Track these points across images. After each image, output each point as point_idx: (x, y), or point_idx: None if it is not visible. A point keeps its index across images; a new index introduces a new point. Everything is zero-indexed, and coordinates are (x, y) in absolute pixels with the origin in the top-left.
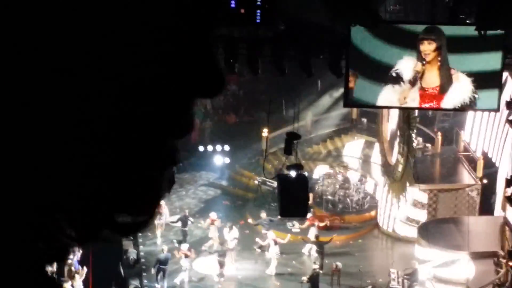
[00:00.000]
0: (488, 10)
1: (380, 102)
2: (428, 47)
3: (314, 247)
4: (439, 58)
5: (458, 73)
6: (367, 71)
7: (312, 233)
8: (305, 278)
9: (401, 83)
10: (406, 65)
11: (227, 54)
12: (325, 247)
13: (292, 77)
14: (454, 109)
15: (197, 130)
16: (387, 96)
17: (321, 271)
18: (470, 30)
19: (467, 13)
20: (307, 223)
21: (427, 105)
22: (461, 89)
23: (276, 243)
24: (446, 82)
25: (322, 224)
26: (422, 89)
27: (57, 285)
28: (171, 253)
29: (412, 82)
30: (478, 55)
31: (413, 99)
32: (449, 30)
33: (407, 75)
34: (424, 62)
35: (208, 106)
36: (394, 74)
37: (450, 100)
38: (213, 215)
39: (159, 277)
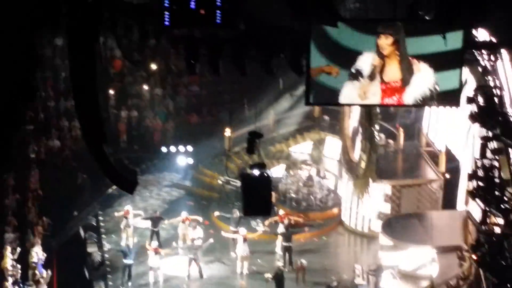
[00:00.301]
0: (447, 7)
1: (342, 99)
2: (385, 41)
3: (281, 245)
4: (397, 52)
5: (419, 63)
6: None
7: (280, 230)
8: (269, 276)
9: (360, 78)
10: (365, 61)
11: (188, 54)
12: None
13: (253, 76)
14: (416, 105)
15: (160, 131)
16: (348, 92)
17: (285, 269)
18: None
19: (427, 11)
20: (269, 220)
21: (389, 99)
22: (422, 80)
23: (245, 240)
24: (407, 74)
25: (286, 222)
26: (384, 83)
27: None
28: (139, 250)
29: (371, 77)
30: (437, 36)
31: (373, 94)
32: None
33: (366, 70)
34: (382, 56)
35: (170, 107)
36: (353, 71)
37: (412, 93)
38: (184, 213)
39: (125, 277)
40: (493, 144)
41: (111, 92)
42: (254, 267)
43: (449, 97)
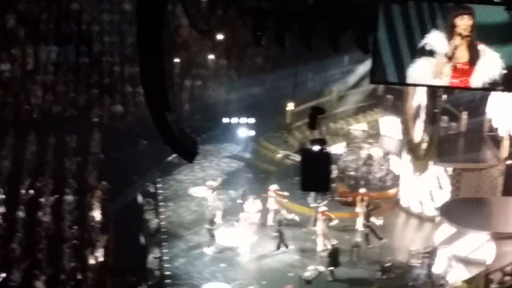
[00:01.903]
0: None
1: (412, 75)
2: (467, 22)
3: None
4: (471, 34)
5: (486, 48)
6: (397, 46)
7: (361, 208)
8: (324, 253)
9: (435, 56)
10: (437, 39)
11: (255, 26)
12: (345, 223)
13: (319, 51)
14: (482, 89)
15: (223, 102)
16: (421, 69)
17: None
18: (500, 15)
19: None
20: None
21: (457, 81)
22: (490, 64)
23: (327, 218)
24: (474, 57)
25: (343, 200)
26: (453, 64)
27: None
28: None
29: (450, 57)
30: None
31: (446, 74)
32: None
33: (442, 48)
34: (462, 37)
35: (234, 78)
36: (425, 47)
37: (480, 76)
38: (273, 186)
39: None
40: None
41: (176, 60)
42: (308, 243)
43: None
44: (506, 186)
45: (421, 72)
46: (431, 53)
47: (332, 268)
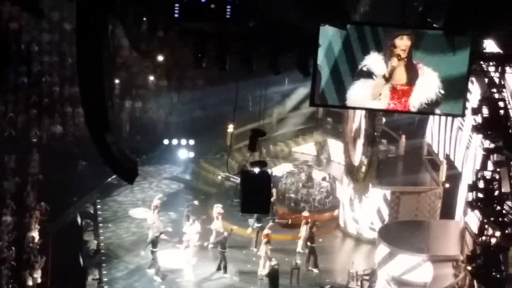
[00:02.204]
0: (456, 15)
1: (351, 97)
2: (407, 42)
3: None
4: (408, 56)
5: (424, 67)
6: (337, 69)
7: (303, 231)
8: (264, 274)
9: (374, 77)
10: (375, 61)
11: (196, 48)
12: (285, 245)
13: (259, 74)
14: (421, 113)
15: (163, 123)
16: (359, 91)
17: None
18: (436, 36)
19: (436, 18)
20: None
21: (396, 102)
22: (428, 84)
23: (268, 241)
24: (413, 77)
25: (284, 222)
26: (392, 86)
27: None
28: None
29: (387, 78)
30: (445, 55)
31: (385, 95)
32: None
33: (380, 70)
34: (399, 58)
35: (174, 100)
36: (363, 69)
37: (418, 97)
38: (218, 207)
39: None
40: (495, 156)
41: (117, 81)
42: (249, 265)
43: (454, 106)
44: (444, 209)
45: (360, 94)
46: (369, 75)
47: None
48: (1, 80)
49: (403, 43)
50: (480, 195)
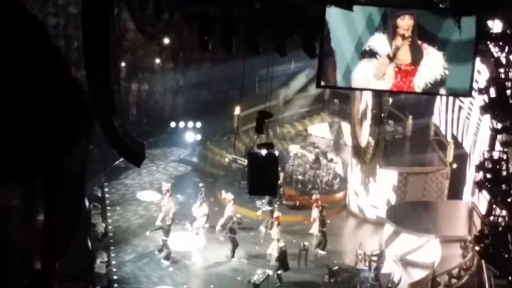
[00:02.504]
0: None
1: (356, 78)
2: (409, 22)
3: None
4: (412, 35)
5: (429, 47)
6: (342, 50)
7: (315, 213)
8: (274, 257)
9: (378, 57)
10: (379, 41)
11: (201, 31)
12: (294, 227)
13: (266, 56)
14: (427, 93)
15: (169, 106)
16: (364, 71)
17: (322, 252)
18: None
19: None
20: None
21: (402, 82)
22: (432, 64)
23: (278, 223)
24: (417, 57)
25: (291, 204)
26: (397, 65)
27: None
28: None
29: (391, 58)
30: (450, 35)
31: (389, 75)
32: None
33: (384, 49)
34: (403, 37)
35: (181, 82)
36: (367, 49)
37: (423, 77)
38: (229, 195)
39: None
40: (502, 137)
41: (123, 64)
42: (257, 247)
43: (460, 87)
44: (452, 189)
45: (364, 74)
46: (373, 55)
47: (280, 271)
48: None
49: (405, 23)
50: (488, 175)
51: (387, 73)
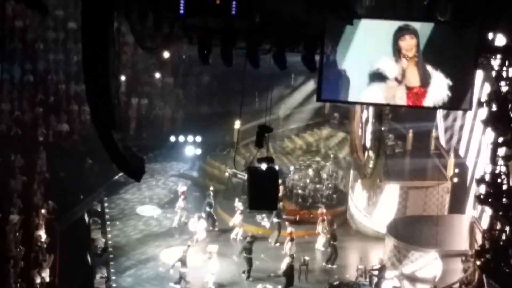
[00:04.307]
0: (464, 8)
1: (366, 99)
2: (410, 42)
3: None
4: (417, 54)
5: (433, 70)
6: (343, 64)
7: (320, 228)
8: (281, 271)
9: (387, 81)
10: (387, 63)
11: (201, 44)
12: (295, 242)
13: (265, 69)
14: (435, 108)
15: (169, 120)
16: (374, 93)
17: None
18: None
19: (443, 12)
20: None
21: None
22: (439, 86)
23: (292, 239)
24: (426, 78)
25: (291, 218)
26: (407, 88)
27: None
28: None
29: (399, 80)
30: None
31: (400, 98)
32: (422, 28)
33: (392, 72)
34: (407, 58)
35: (180, 96)
36: (377, 73)
37: (432, 98)
38: (240, 205)
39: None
40: (503, 150)
41: (122, 78)
42: (257, 262)
43: (462, 101)
44: (453, 204)
45: (375, 97)
46: (382, 78)
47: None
48: None
49: (406, 43)
50: (489, 189)
51: (397, 96)
